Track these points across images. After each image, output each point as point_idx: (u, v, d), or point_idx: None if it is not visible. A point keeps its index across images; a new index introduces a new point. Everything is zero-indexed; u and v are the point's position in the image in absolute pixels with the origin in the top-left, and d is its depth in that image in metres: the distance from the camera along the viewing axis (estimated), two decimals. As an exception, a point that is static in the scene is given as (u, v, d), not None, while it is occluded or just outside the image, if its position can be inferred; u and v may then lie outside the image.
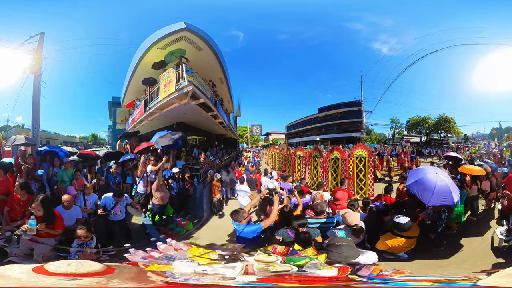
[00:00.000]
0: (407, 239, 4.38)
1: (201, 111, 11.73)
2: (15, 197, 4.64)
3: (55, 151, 7.08)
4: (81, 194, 5.57)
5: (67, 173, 6.37)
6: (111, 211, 5.39)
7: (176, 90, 9.34)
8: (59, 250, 3.91)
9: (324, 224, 4.75)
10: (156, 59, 11.31)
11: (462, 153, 17.21)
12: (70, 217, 4.66)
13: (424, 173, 4.63)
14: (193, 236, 6.67)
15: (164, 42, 10.42)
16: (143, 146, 7.93)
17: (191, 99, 9.94)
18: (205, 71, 12.39)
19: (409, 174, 4.98)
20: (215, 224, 7.62)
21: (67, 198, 4.71)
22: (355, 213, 4.56)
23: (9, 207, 4.62)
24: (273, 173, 11.02)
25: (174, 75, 9.51)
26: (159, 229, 6.38)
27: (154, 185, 6.41)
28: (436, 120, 33.73)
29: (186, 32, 10.13)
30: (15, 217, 4.56)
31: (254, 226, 4.09)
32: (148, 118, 12.17)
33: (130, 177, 7.50)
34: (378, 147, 22.69)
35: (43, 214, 3.84)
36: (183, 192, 7.85)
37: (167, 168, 7.34)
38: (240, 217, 3.98)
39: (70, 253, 3.82)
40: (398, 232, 4.36)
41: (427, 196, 4.29)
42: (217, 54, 12.35)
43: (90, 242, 4.02)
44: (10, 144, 7.26)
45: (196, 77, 10.04)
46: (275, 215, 4.31)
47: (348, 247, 3.70)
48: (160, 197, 6.44)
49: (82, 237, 3.89)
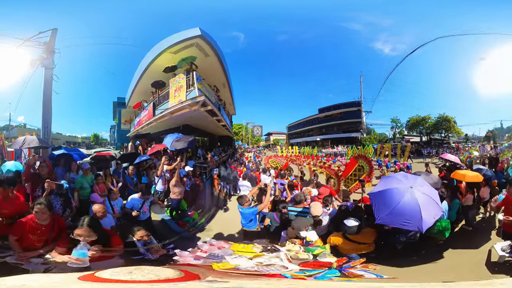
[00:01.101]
0: (349, 242, 4.27)
1: (208, 116, 12.24)
2: (27, 223, 3.23)
3: (70, 154, 6.42)
4: (106, 200, 5.19)
5: (87, 179, 5.75)
6: (141, 211, 5.28)
7: (189, 99, 9.88)
8: (130, 254, 3.55)
9: (300, 213, 5.52)
10: (166, 62, 11.70)
11: (461, 154, 16.92)
12: (105, 226, 4.08)
13: (394, 184, 4.04)
14: (206, 228, 7.31)
15: (177, 47, 10.81)
16: (156, 148, 8.40)
17: (200, 106, 10.47)
18: (210, 77, 12.87)
19: (381, 181, 4.45)
20: (222, 218, 8.30)
21: (99, 208, 4.23)
22: (319, 206, 5.17)
23: (18, 236, 3.18)
24: (271, 171, 11.99)
25: (184, 81, 9.96)
26: (178, 223, 6.93)
27: (173, 181, 6.94)
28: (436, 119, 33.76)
29: (199, 39, 10.57)
30: (32, 247, 3.23)
31: (252, 209, 5.53)
32: (157, 121, 12.59)
33: (145, 177, 7.87)
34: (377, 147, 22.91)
35: (96, 238, 3.08)
36: (195, 188, 8.57)
37: (182, 167, 7.88)
38: (243, 201, 5.52)
39: (141, 253, 3.66)
40: (345, 233, 4.37)
41: (380, 212, 3.81)
42: (221, 60, 12.84)
43: (151, 240, 4.04)
44: (19, 146, 6.10)
45: (204, 84, 10.52)
46: (267, 200, 5.87)
47: (301, 221, 4.73)
48: (177, 192, 6.99)
49: (145, 236, 3.90)
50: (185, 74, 10.13)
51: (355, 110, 40.33)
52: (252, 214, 5.47)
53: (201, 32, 10.30)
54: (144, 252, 3.72)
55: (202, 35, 10.35)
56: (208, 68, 12.50)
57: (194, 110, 10.28)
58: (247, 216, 5.48)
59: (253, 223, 5.52)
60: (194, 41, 10.64)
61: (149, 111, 12.85)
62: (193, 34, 10.38)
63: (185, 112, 10.70)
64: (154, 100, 12.90)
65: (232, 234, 6.43)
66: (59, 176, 5.49)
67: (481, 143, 23.04)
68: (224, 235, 6.55)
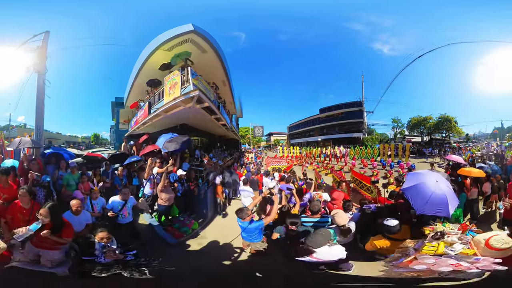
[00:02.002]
0: (395, 242, 4.41)
1: (205, 114, 11.79)
2: (17, 204, 4.28)
3: (60, 153, 6.94)
4: (88, 198, 5.48)
5: (74, 176, 6.27)
6: (119, 214, 5.38)
7: (182, 95, 9.35)
8: (82, 254, 3.92)
9: (317, 223, 5.01)
10: (162, 60, 11.32)
11: (463, 153, 17.33)
12: (79, 222, 4.56)
13: (422, 179, 4.48)
14: (200, 235, 6.83)
15: (170, 43, 10.42)
16: (148, 149, 8.02)
17: (196, 103, 10.00)
18: (208, 74, 12.42)
19: (408, 177, 4.85)
20: (220, 224, 7.78)
21: (75, 203, 4.58)
22: (344, 214, 4.72)
23: (10, 215, 4.25)
24: (275, 175, 11.22)
25: (179, 77, 9.54)
26: (166, 229, 6.49)
27: (159, 186, 6.52)
28: (437, 120, 33.70)
29: (193, 34, 10.13)
30: (18, 225, 4.11)
31: (257, 223, 4.69)
32: (152, 120, 12.23)
33: (136, 179, 7.56)
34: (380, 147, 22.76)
35: (51, 222, 3.71)
36: (189, 193, 7.95)
37: (172, 172, 7.42)
38: (244, 214, 4.62)
39: (96, 255, 3.85)
40: (387, 234, 4.44)
41: (420, 204, 4.23)
42: (221, 57, 12.38)
43: (111, 243, 4.09)
44: (14, 147, 6.97)
45: (201, 80, 10.08)
46: (275, 213, 4.85)
47: (321, 236, 4.05)
48: (165, 198, 6.55)
49: (105, 238, 3.96)
50: (180, 70, 9.72)
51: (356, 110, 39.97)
52: (256, 229, 4.72)
53: (194, 27, 9.86)
54: (98, 254, 3.86)
55: (195, 30, 9.91)
56: (206, 65, 12.06)
57: (189, 108, 9.84)
58: (250, 231, 4.71)
59: (257, 237, 4.80)
60: (188, 37, 10.21)
61: (145, 111, 12.51)
62: (185, 29, 9.95)
63: (180, 110, 10.28)
64: (150, 99, 12.56)
65: (229, 243, 5.84)
66: (50, 172, 6.22)
67: (487, 141, 23.58)
68: (220, 243, 6.04)
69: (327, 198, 6.54)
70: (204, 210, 8.14)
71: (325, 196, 6.56)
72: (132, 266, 3.76)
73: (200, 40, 10.52)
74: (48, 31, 8.00)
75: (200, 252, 5.87)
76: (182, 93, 9.29)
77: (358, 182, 8.19)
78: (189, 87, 9.12)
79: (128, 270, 3.63)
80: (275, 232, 4.81)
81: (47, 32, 7.94)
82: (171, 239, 6.18)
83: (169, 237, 6.23)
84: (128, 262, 3.89)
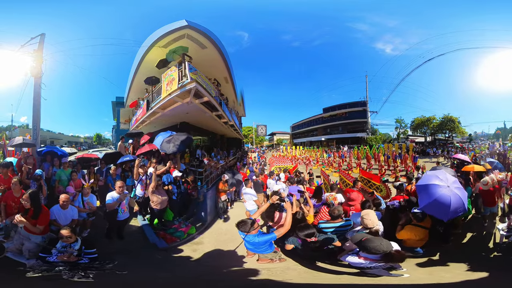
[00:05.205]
0: (424, 229, 4.70)
1: (205, 110, 11.41)
2: (10, 193, 4.78)
3: (54, 151, 7.14)
4: (79, 195, 5.56)
5: (66, 172, 6.43)
6: (119, 209, 5.42)
7: (179, 88, 8.97)
8: (43, 250, 3.84)
9: (339, 228, 4.54)
10: (159, 57, 11.04)
11: (467, 153, 17.68)
12: (65, 216, 4.70)
13: (437, 192, 4.40)
14: (195, 240, 6.37)
15: (166, 40, 10.12)
16: (145, 148, 7.65)
17: (194, 98, 9.60)
18: (209, 70, 12.09)
19: (420, 191, 4.67)
20: (220, 228, 7.31)
21: (63, 197, 4.75)
22: (374, 216, 4.20)
23: (4, 202, 4.78)
24: (280, 175, 10.73)
25: (176, 73, 9.15)
26: (158, 233, 6.09)
27: (150, 188, 6.14)
28: (441, 120, 33.45)
29: (188, 29, 9.79)
30: (12, 213, 4.67)
31: (267, 236, 3.85)
32: (150, 118, 11.89)
33: (130, 179, 7.21)
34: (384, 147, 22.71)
35: (32, 208, 4.05)
36: (185, 196, 7.50)
37: (166, 173, 7.06)
38: (248, 228, 3.67)
39: (51, 253, 3.77)
40: (417, 222, 4.71)
41: (445, 215, 4.38)
42: (222, 53, 12.01)
43: (74, 244, 3.91)
44: (10, 145, 7.47)
45: (200, 75, 9.68)
46: (289, 223, 3.96)
47: (378, 238, 3.60)
48: (156, 201, 6.18)
49: (65, 237, 3.80)
50: (178, 66, 9.34)
51: (360, 110, 39.55)
52: (266, 242, 3.90)
53: (188, 22, 9.50)
54: (53, 252, 3.75)
55: (189, 25, 9.55)
56: (207, 61, 11.72)
57: (187, 103, 9.45)
58: (258, 244, 3.88)
59: (267, 248, 4.05)
60: (183, 32, 9.86)
61: (143, 109, 12.21)
62: (179, 25, 9.61)
63: (178, 106, 9.92)
64: (148, 97, 12.25)
65: (231, 250, 5.18)
66: (45, 169, 6.52)
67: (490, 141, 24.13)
68: (216, 249, 5.54)
69: (341, 200, 6.02)
70: (202, 214, 7.73)
71: (339, 198, 6.02)
72: (79, 268, 3.58)
73: (198, 35, 10.16)
74: (43, 34, 8.04)
75: (188, 259, 5.38)
76: (179, 86, 8.91)
77: (367, 181, 7.76)
78: (186, 81, 8.74)
79: (71, 273, 3.42)
80: (288, 244, 4.27)
81: (42, 35, 7.99)
82: (161, 244, 5.75)
83: (159, 241, 5.81)
84: (78, 264, 3.73)
